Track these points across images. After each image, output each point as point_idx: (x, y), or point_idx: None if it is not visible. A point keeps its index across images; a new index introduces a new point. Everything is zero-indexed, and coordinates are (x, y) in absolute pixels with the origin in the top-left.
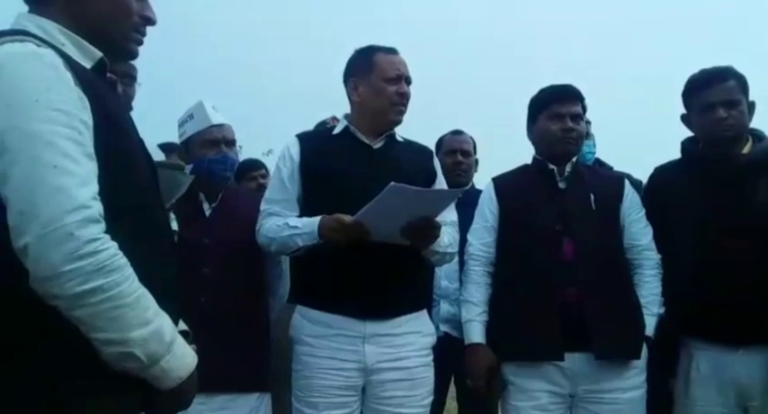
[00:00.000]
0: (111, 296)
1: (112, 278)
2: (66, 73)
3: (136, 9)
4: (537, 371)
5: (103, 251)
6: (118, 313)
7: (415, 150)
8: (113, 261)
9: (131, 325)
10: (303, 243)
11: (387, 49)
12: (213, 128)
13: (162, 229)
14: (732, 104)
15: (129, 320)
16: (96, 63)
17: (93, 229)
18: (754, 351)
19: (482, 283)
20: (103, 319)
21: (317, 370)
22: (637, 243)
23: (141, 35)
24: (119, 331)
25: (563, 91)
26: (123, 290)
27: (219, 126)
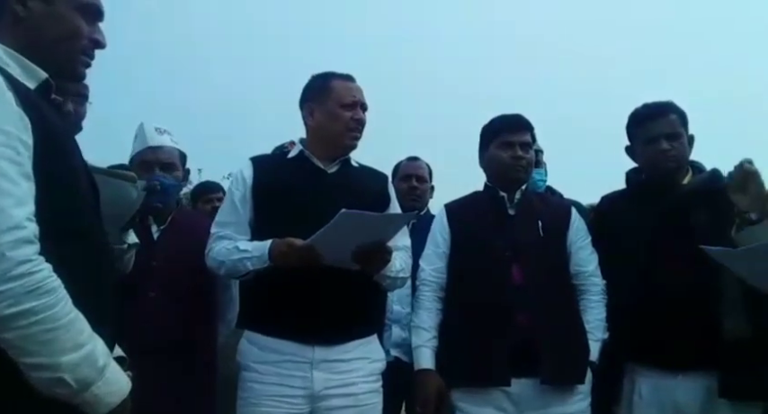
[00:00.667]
0: (43, 319)
1: (44, 300)
2: (7, 93)
3: (86, 32)
4: (484, 396)
5: (36, 273)
6: (50, 336)
7: (369, 175)
8: (46, 283)
9: (63, 349)
10: (253, 267)
11: (343, 75)
12: (149, 150)
13: (101, 253)
14: (674, 137)
15: (61, 344)
16: (41, 84)
17: (27, 250)
18: (693, 376)
19: (432, 308)
20: (34, 343)
21: (263, 397)
22: (582, 269)
23: (90, 58)
24: (50, 355)
25: (513, 120)
26: (56, 312)
27: (156, 149)
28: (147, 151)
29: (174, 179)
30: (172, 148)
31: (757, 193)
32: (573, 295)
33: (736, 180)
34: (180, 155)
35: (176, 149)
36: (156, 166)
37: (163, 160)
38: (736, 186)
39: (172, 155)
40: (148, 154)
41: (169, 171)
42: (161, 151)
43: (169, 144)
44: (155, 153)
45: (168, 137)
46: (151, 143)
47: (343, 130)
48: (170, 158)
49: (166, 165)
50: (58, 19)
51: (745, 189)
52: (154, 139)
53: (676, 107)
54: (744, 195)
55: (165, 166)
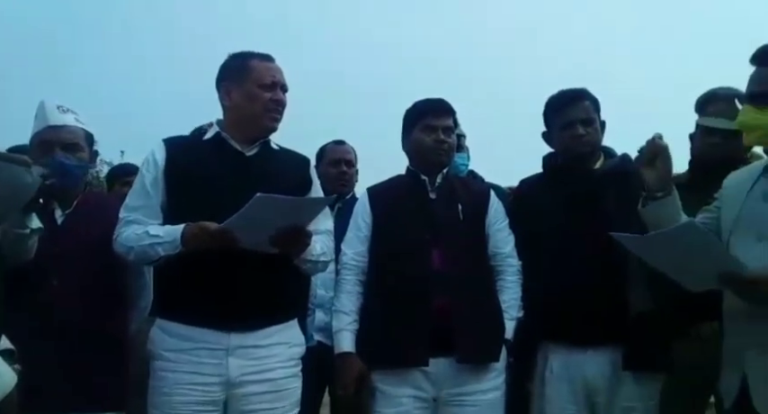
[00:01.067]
0: None
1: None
2: None
3: None
4: (403, 377)
5: None
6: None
7: (290, 158)
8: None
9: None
10: (165, 252)
11: (262, 55)
12: (49, 129)
13: None
14: (588, 122)
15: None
16: None
17: None
18: (601, 351)
19: (353, 292)
20: None
21: (175, 385)
22: (500, 251)
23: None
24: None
25: (436, 104)
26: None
27: (57, 128)
28: (47, 130)
29: (79, 160)
30: (75, 127)
31: (665, 169)
32: (490, 276)
33: (647, 155)
34: (86, 135)
35: (81, 129)
36: (56, 147)
37: (65, 140)
38: (645, 161)
39: (75, 135)
40: (49, 133)
41: (72, 152)
42: (63, 130)
43: (72, 123)
44: (56, 132)
45: (72, 115)
46: (51, 122)
47: (262, 112)
48: (73, 138)
49: (69, 145)
50: None
51: (653, 164)
52: (55, 118)
53: (590, 94)
54: (652, 170)
55: (67, 146)
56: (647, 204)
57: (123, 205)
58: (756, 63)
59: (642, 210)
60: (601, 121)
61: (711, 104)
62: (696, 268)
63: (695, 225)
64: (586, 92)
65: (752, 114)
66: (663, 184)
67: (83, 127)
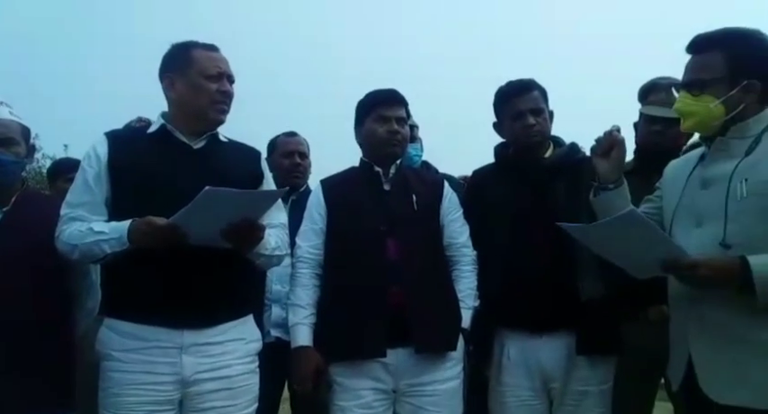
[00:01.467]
0: None
1: None
2: None
3: None
4: (361, 369)
5: None
6: None
7: (240, 151)
8: None
9: None
10: (111, 249)
11: (206, 45)
12: None
13: None
14: (538, 112)
15: None
16: None
17: None
18: (555, 336)
19: (309, 285)
20: None
21: (126, 386)
22: (454, 241)
23: None
24: None
25: (388, 95)
26: None
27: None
28: None
29: (14, 155)
30: (10, 121)
31: (618, 161)
32: (446, 266)
33: (602, 145)
34: (22, 129)
35: (16, 123)
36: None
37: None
38: (600, 152)
39: (9, 129)
40: None
41: (6, 146)
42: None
43: (7, 117)
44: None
45: (6, 109)
46: None
47: (208, 103)
48: (7, 133)
49: (3, 140)
50: None
51: (608, 155)
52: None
53: (538, 84)
54: (606, 161)
55: (1, 141)
56: (599, 195)
57: (65, 202)
58: (691, 51)
59: (593, 200)
60: (549, 111)
61: (653, 94)
62: (640, 256)
63: (636, 213)
64: (534, 82)
65: (687, 101)
66: (615, 175)
67: (18, 121)
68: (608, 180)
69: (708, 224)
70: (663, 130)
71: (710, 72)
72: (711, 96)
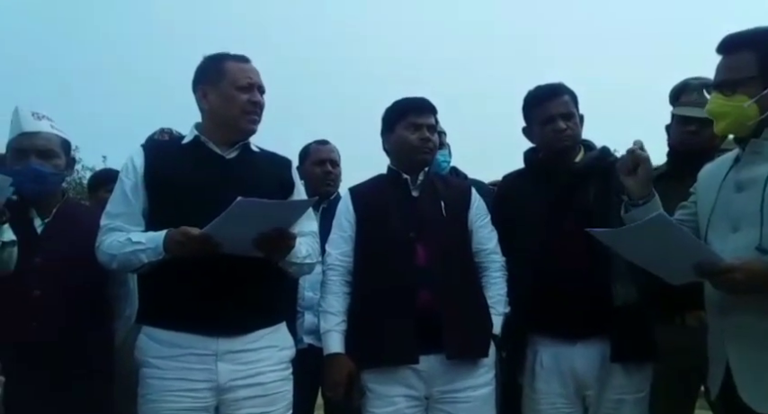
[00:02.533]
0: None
1: None
2: None
3: None
4: (393, 376)
5: None
6: None
7: (271, 160)
8: None
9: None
10: (148, 259)
11: (238, 56)
12: (23, 136)
13: None
14: (568, 117)
15: None
16: None
17: None
18: (589, 343)
19: (340, 292)
20: None
21: (164, 393)
22: (483, 247)
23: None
24: None
25: (419, 103)
26: None
27: (31, 135)
28: (21, 138)
29: (54, 167)
30: (50, 134)
31: (646, 179)
32: (475, 273)
33: (627, 164)
34: (62, 142)
35: (56, 136)
36: (31, 154)
37: (39, 147)
38: (626, 170)
39: (50, 141)
40: (23, 140)
41: (47, 158)
42: (37, 137)
43: (47, 130)
44: (30, 139)
45: (47, 122)
46: (26, 129)
47: (240, 114)
48: (47, 145)
49: (43, 152)
50: None
51: (634, 172)
52: (29, 125)
53: (568, 88)
54: (633, 178)
55: (41, 152)
56: (630, 211)
57: (104, 212)
58: (721, 52)
59: (625, 216)
60: (580, 115)
61: (684, 94)
62: (672, 261)
63: (664, 217)
64: (564, 86)
65: (719, 102)
66: (644, 191)
67: (58, 134)
68: (637, 196)
69: (744, 229)
70: (697, 130)
71: (742, 72)
72: (744, 96)
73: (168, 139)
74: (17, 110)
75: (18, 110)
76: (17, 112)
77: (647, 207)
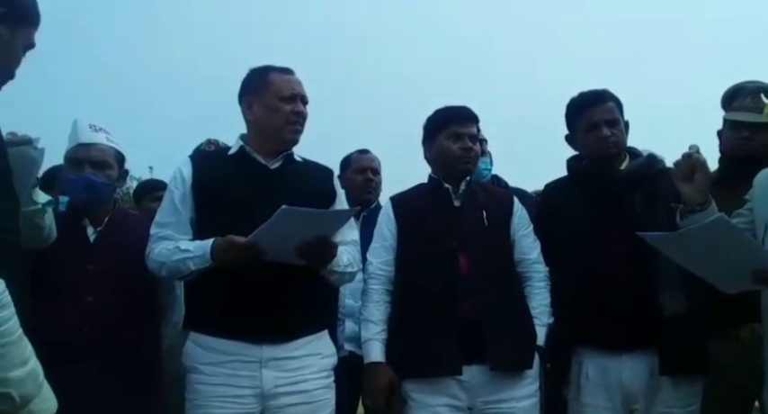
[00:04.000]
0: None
1: (3, 313)
2: None
3: None
4: (436, 386)
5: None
6: (3, 351)
7: (314, 170)
8: (3, 296)
9: (13, 364)
10: (195, 267)
11: (282, 68)
12: (79, 147)
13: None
14: (614, 123)
15: (11, 359)
16: None
17: None
18: (636, 356)
19: (381, 301)
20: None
21: (211, 398)
22: (526, 257)
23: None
24: (1, 370)
25: (461, 112)
26: (11, 326)
27: (87, 146)
28: (78, 148)
29: (107, 178)
30: (105, 146)
31: (703, 184)
32: (518, 282)
33: (683, 169)
34: (116, 154)
35: (111, 148)
36: (86, 164)
37: (94, 158)
38: (682, 175)
39: (105, 153)
40: (79, 151)
41: (101, 169)
42: (93, 148)
43: (103, 142)
44: (86, 150)
45: (104, 135)
46: (82, 140)
47: (284, 124)
48: (102, 156)
49: (98, 162)
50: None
51: (691, 178)
52: (86, 136)
53: (613, 94)
54: (689, 184)
55: (96, 163)
56: (686, 218)
57: (154, 221)
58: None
59: (680, 223)
60: (625, 122)
61: (738, 99)
62: (729, 267)
63: (725, 220)
64: (609, 92)
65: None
66: (701, 197)
67: (113, 146)
68: (694, 203)
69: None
70: (750, 136)
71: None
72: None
73: (215, 150)
74: (75, 122)
75: (76, 122)
76: (75, 124)
77: (704, 214)
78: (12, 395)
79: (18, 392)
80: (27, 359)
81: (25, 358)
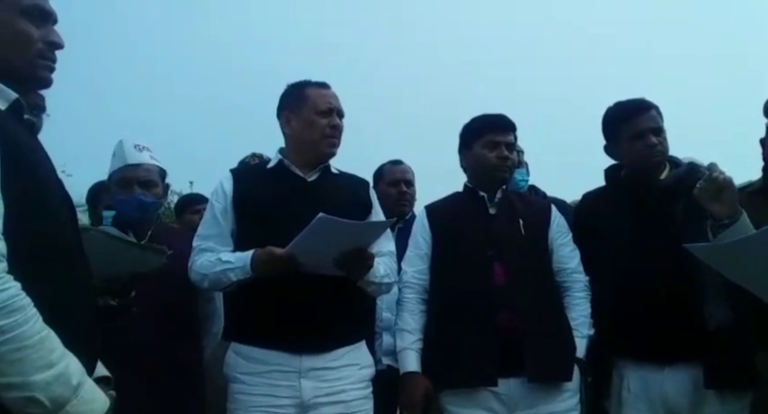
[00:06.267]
0: (12, 338)
1: (13, 319)
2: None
3: (37, 35)
4: (472, 397)
5: (3, 291)
6: (19, 356)
7: (350, 182)
8: (14, 301)
9: (34, 368)
10: (236, 278)
11: (318, 83)
12: (127, 167)
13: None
14: (659, 131)
15: (31, 363)
16: (11, 104)
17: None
18: (679, 368)
19: (416, 310)
20: (3, 362)
21: (252, 408)
22: (565, 266)
23: (50, 61)
24: (20, 374)
25: (499, 120)
26: (25, 331)
27: (135, 166)
28: (125, 169)
29: (154, 196)
30: (151, 165)
31: (731, 201)
32: (556, 293)
33: (710, 191)
34: (160, 172)
35: (156, 166)
36: (134, 184)
37: (142, 178)
38: (708, 196)
39: (151, 172)
40: (127, 172)
41: (148, 188)
42: (140, 169)
43: (148, 161)
44: (134, 171)
45: (148, 153)
46: (130, 160)
47: (320, 138)
48: (149, 176)
49: (145, 182)
50: (3, 28)
51: (719, 197)
52: (133, 157)
53: (652, 103)
54: (719, 203)
55: (143, 183)
56: (718, 233)
57: (196, 234)
58: None
59: (714, 239)
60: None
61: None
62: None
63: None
64: (650, 101)
65: None
66: (731, 211)
67: (157, 164)
68: (724, 216)
69: None
70: None
71: None
72: None
73: (258, 163)
74: (121, 143)
75: (122, 142)
76: (121, 145)
77: (737, 226)
78: (38, 399)
79: (46, 396)
80: (54, 362)
81: (51, 361)
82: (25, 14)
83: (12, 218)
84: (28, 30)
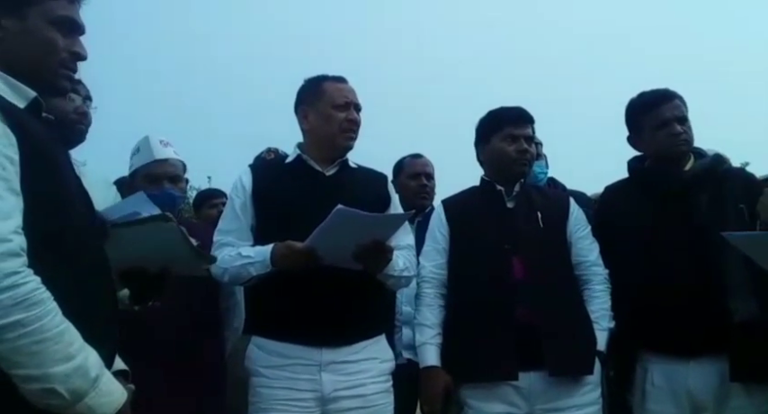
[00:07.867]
0: (32, 331)
1: (33, 312)
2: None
3: (63, 46)
4: (493, 392)
5: (23, 285)
6: (38, 348)
7: (368, 176)
8: (34, 295)
9: (53, 360)
10: (256, 272)
11: (335, 77)
12: (155, 163)
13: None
14: (684, 120)
15: (50, 355)
16: (30, 102)
17: (13, 263)
18: (704, 361)
19: (435, 305)
20: (23, 355)
21: (273, 401)
22: (584, 259)
23: (70, 71)
24: (39, 367)
25: (517, 113)
26: (44, 324)
27: (162, 161)
28: (153, 164)
29: (180, 190)
30: (176, 160)
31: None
32: (576, 286)
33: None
34: (183, 166)
35: (179, 161)
36: (164, 179)
37: (170, 173)
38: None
39: (177, 167)
40: (155, 167)
41: (175, 183)
42: (167, 164)
43: (173, 156)
44: (162, 166)
45: (171, 149)
46: (157, 156)
47: (338, 132)
48: (176, 171)
49: (173, 177)
50: (32, 35)
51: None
52: (159, 152)
53: (676, 92)
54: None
55: (171, 178)
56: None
57: (217, 229)
58: None
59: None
60: None
61: None
62: None
63: None
64: (672, 90)
65: None
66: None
67: (180, 159)
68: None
69: None
70: None
71: None
72: None
73: (274, 158)
74: (147, 138)
75: (149, 138)
76: (147, 141)
77: None
78: (57, 390)
79: (65, 388)
80: (73, 355)
81: (69, 354)
82: (55, 24)
83: (31, 213)
84: (55, 39)
